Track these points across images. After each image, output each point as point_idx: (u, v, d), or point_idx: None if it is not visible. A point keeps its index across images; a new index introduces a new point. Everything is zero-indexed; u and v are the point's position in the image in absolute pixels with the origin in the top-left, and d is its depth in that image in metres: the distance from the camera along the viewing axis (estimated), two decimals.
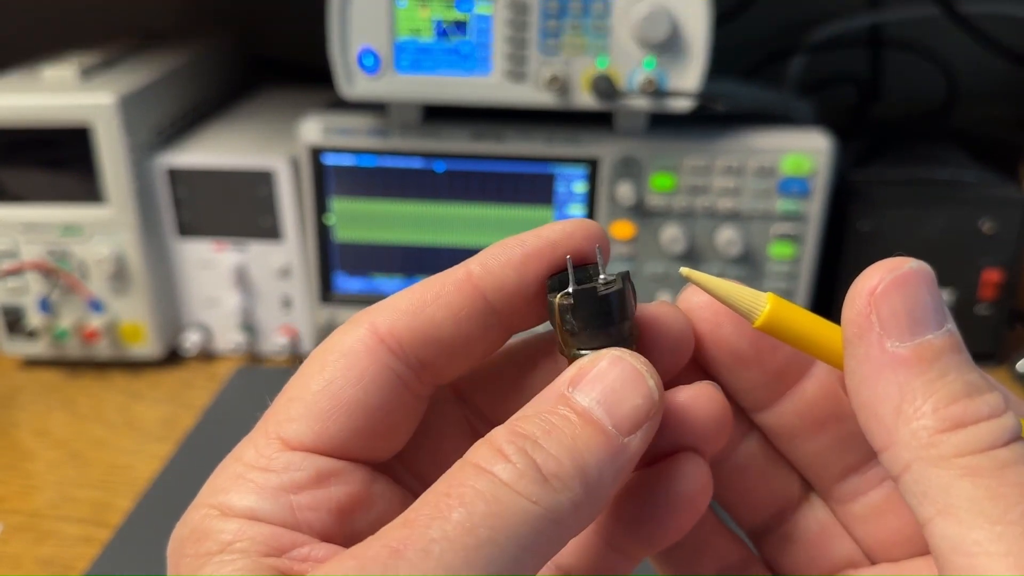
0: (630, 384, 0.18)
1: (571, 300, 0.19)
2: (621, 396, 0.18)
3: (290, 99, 0.74)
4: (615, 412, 0.18)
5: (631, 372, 0.18)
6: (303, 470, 0.19)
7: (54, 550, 0.48)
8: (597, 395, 0.18)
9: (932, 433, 0.17)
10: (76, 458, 0.56)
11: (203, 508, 0.18)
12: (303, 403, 0.19)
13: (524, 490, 0.17)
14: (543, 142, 0.55)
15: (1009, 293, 0.62)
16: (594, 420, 0.18)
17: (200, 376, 0.65)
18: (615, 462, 0.18)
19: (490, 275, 0.20)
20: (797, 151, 0.54)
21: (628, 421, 0.18)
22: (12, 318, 0.63)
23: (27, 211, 0.61)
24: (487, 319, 0.20)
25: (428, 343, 0.20)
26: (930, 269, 0.18)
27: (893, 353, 0.17)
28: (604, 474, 0.17)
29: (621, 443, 0.18)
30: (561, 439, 0.17)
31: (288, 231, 0.62)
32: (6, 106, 0.57)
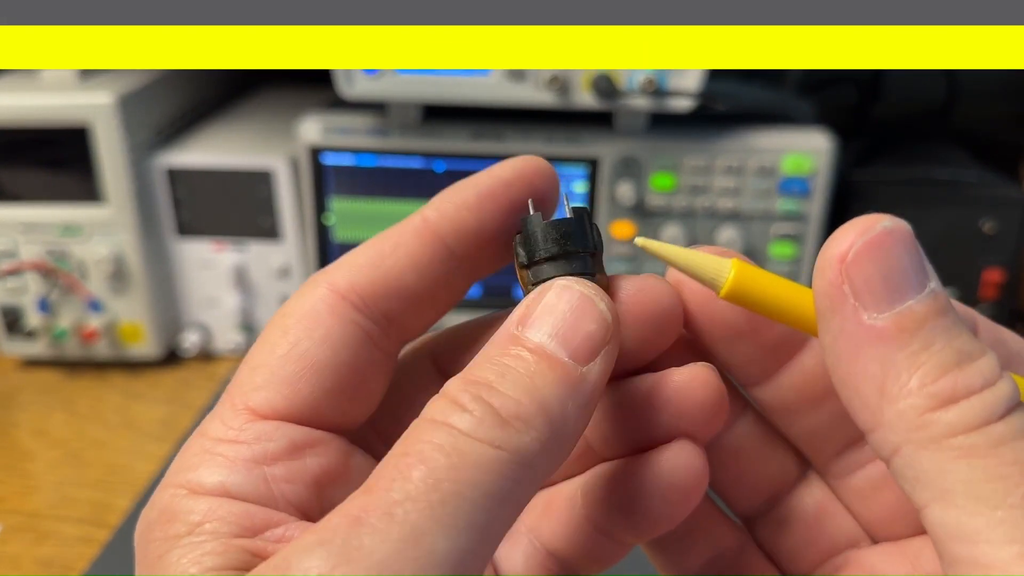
0: (580, 311, 0.17)
1: (525, 227, 0.19)
2: (573, 325, 0.17)
3: (289, 99, 0.74)
4: (569, 343, 0.17)
5: (580, 298, 0.18)
6: (276, 440, 0.18)
7: (53, 550, 0.48)
8: (548, 329, 0.17)
9: (921, 412, 0.15)
10: (75, 458, 0.56)
11: (170, 488, 0.17)
12: (269, 369, 0.18)
13: (485, 436, 0.16)
14: (543, 142, 0.55)
15: (1010, 293, 0.62)
16: (548, 355, 0.17)
17: (199, 376, 0.65)
18: (577, 394, 0.17)
19: (446, 219, 0.19)
20: (797, 151, 0.54)
21: (584, 350, 0.17)
22: (11, 318, 0.63)
23: (26, 211, 0.60)
24: (448, 264, 0.20)
25: (391, 295, 0.19)
26: (906, 226, 0.17)
27: (871, 326, 0.16)
28: (567, 408, 0.17)
29: (580, 373, 0.17)
30: (517, 379, 0.16)
31: (287, 231, 0.62)
32: (5, 106, 0.57)
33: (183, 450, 0.18)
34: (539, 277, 0.19)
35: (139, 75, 0.63)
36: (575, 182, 0.56)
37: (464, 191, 0.20)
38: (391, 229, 0.20)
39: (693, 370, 0.20)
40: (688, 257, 0.18)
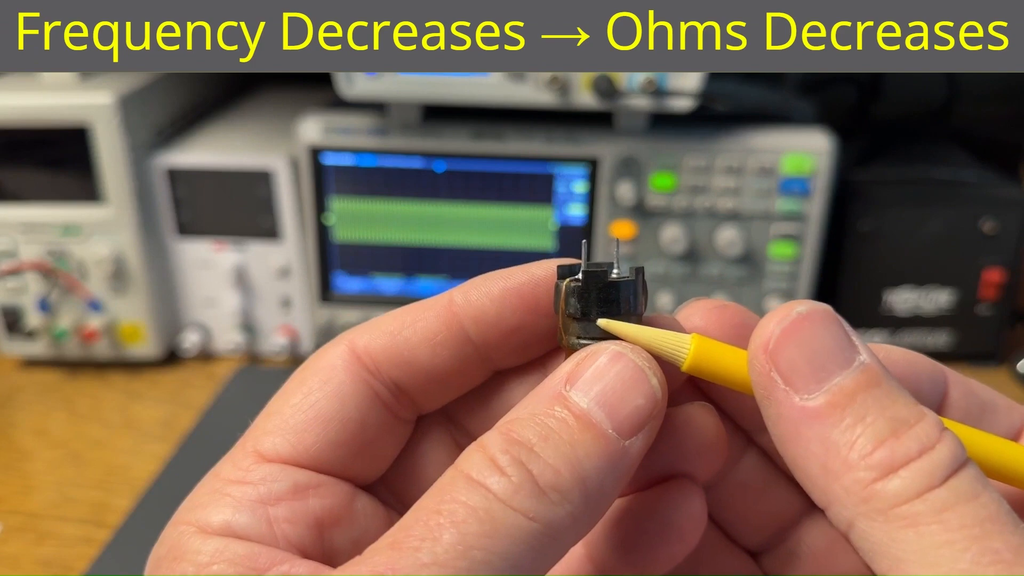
0: (631, 383, 0.17)
1: (580, 282, 0.19)
2: (622, 396, 0.17)
3: (289, 99, 0.74)
4: (615, 414, 0.17)
5: (632, 370, 0.17)
6: (280, 481, 0.18)
7: (53, 550, 0.48)
8: (596, 395, 0.17)
9: (864, 486, 0.15)
10: (75, 458, 0.56)
11: (180, 525, 0.18)
12: (280, 416, 0.19)
13: (520, 506, 0.16)
14: (543, 142, 0.55)
15: (1010, 293, 0.62)
16: (593, 424, 0.17)
17: (199, 376, 0.65)
18: (616, 469, 0.17)
19: (469, 305, 0.20)
20: (797, 151, 0.54)
21: (629, 423, 0.17)
22: (11, 318, 0.63)
23: (26, 211, 0.61)
24: (464, 349, 0.20)
25: (402, 366, 0.19)
26: (824, 308, 0.17)
27: (803, 407, 0.16)
28: (604, 482, 0.17)
29: (621, 447, 0.17)
30: (559, 446, 0.16)
31: (287, 231, 0.62)
32: (5, 106, 0.57)
33: (196, 488, 0.19)
34: (590, 334, 0.19)
35: (139, 75, 0.63)
36: (575, 182, 0.56)
37: (493, 281, 0.20)
38: (421, 302, 0.20)
39: (692, 410, 0.20)
40: (650, 336, 0.19)
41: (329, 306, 0.60)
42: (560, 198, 0.57)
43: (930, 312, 0.63)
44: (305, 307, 0.64)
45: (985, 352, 0.64)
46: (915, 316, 0.63)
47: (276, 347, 0.65)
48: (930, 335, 0.64)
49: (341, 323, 0.60)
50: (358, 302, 0.60)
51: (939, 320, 0.63)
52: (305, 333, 0.65)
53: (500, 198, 0.57)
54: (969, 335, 0.63)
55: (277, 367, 0.66)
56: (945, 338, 0.64)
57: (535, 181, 0.56)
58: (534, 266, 0.20)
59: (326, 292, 0.60)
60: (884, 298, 0.62)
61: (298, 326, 0.65)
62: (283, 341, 0.65)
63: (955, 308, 0.62)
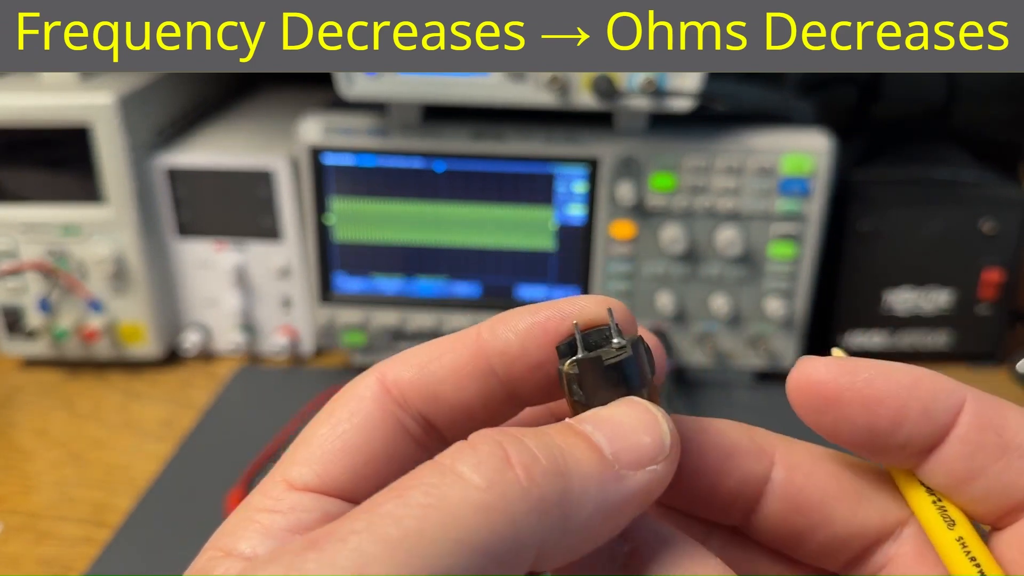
0: (640, 423, 0.17)
1: (576, 370, 0.18)
2: (627, 431, 0.17)
3: (290, 99, 0.74)
4: (617, 441, 0.17)
5: (643, 413, 0.17)
6: (309, 511, 0.18)
7: (54, 550, 0.48)
8: (601, 423, 0.17)
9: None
10: (76, 458, 0.56)
11: (209, 551, 0.18)
12: (308, 446, 0.19)
13: (473, 476, 0.15)
14: (543, 142, 0.55)
15: (1009, 293, 0.62)
16: (591, 441, 0.17)
17: (200, 376, 0.65)
18: (603, 489, 0.16)
19: (495, 339, 0.19)
20: (797, 151, 0.54)
21: (629, 455, 0.17)
22: (12, 318, 0.63)
23: (27, 211, 0.61)
24: (489, 383, 0.19)
25: (429, 399, 0.19)
26: None
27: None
28: (587, 494, 0.16)
29: (615, 471, 0.16)
30: (546, 441, 0.16)
31: (288, 231, 0.62)
32: (6, 106, 0.57)
33: (228, 517, 0.19)
34: None
35: (139, 76, 0.63)
36: (575, 182, 0.56)
37: (520, 316, 0.20)
38: (450, 336, 0.20)
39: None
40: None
41: (329, 306, 0.60)
42: (560, 198, 0.57)
43: (930, 312, 0.63)
44: (305, 307, 0.64)
45: (985, 352, 0.64)
46: (915, 316, 0.63)
47: (277, 347, 0.65)
48: (929, 335, 0.64)
49: (341, 323, 0.60)
50: (358, 302, 0.60)
51: (939, 320, 0.63)
52: (305, 333, 0.65)
53: (500, 198, 0.57)
54: (969, 335, 0.63)
55: (278, 367, 0.66)
56: (945, 338, 0.64)
57: (535, 181, 0.56)
58: (563, 302, 0.20)
59: (326, 292, 0.60)
60: (884, 298, 0.62)
61: (298, 326, 0.65)
62: (284, 341, 0.65)
63: (955, 308, 0.62)
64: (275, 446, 0.55)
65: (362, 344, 0.62)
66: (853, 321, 0.63)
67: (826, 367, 0.18)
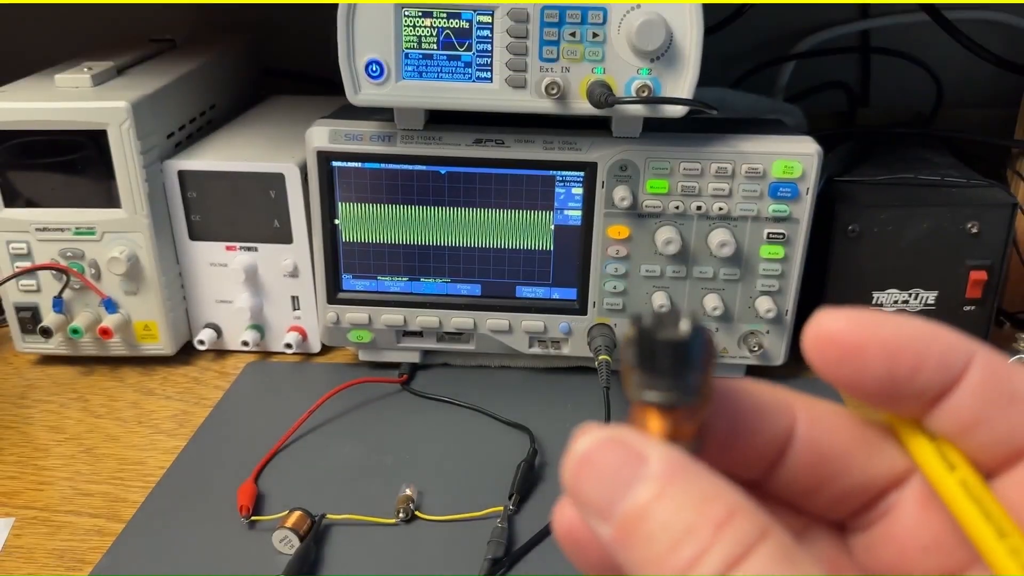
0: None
1: (634, 334, 0.18)
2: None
3: (299, 107, 0.76)
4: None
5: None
6: None
7: (67, 543, 0.49)
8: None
9: None
10: (89, 453, 0.57)
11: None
12: None
13: None
14: (543, 147, 0.57)
15: (994, 293, 0.63)
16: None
17: (211, 373, 0.66)
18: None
19: None
20: (787, 155, 0.56)
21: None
22: (27, 317, 0.65)
23: (42, 213, 0.62)
24: None
25: None
26: (600, 435, 0.17)
27: (608, 537, 0.16)
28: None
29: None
30: None
31: (297, 234, 0.63)
32: (22, 110, 0.59)
33: None
34: (642, 387, 0.18)
35: (153, 80, 0.64)
36: (573, 186, 0.58)
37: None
38: None
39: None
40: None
41: (337, 306, 0.62)
42: (558, 201, 0.58)
43: (916, 312, 0.64)
44: (314, 307, 0.66)
45: None
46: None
47: (286, 344, 0.66)
48: None
49: (348, 321, 0.62)
50: (364, 302, 0.62)
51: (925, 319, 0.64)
52: (313, 331, 0.67)
53: (501, 201, 0.58)
54: None
55: (286, 363, 0.67)
56: None
57: (536, 185, 0.58)
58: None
59: (334, 293, 0.62)
60: (871, 298, 0.63)
61: (306, 324, 0.67)
62: (292, 339, 0.66)
63: (941, 308, 0.63)
64: (284, 440, 0.56)
65: (367, 341, 0.63)
66: None
67: (847, 319, 0.18)
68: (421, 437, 0.58)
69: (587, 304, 0.61)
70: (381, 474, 0.54)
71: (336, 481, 0.53)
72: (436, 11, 0.52)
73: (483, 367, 0.66)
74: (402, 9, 0.52)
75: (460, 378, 0.64)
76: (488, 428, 0.59)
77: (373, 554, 0.48)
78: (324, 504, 0.50)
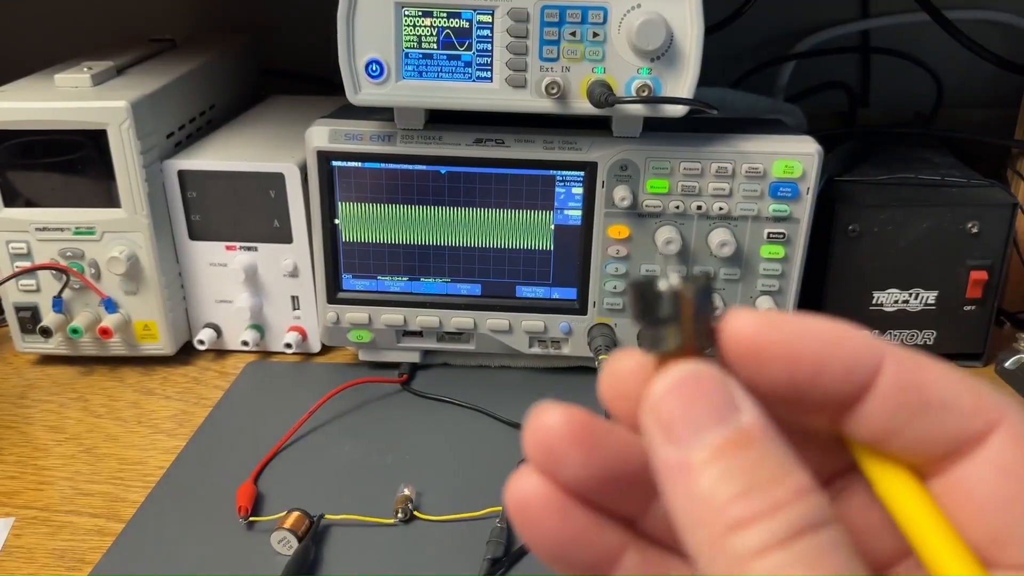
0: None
1: (632, 287, 0.18)
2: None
3: (299, 107, 0.76)
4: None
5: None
6: None
7: (67, 543, 0.49)
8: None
9: (714, 540, 0.16)
10: (89, 453, 0.57)
11: None
12: None
13: None
14: (543, 147, 0.57)
15: (995, 293, 0.63)
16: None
17: (211, 373, 0.66)
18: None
19: None
20: (787, 155, 0.56)
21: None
22: (27, 317, 0.65)
23: (42, 213, 0.62)
24: None
25: None
26: (712, 370, 0.17)
27: (675, 459, 0.17)
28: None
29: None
30: None
31: (297, 233, 0.63)
32: (21, 110, 0.59)
33: None
34: (647, 338, 0.18)
35: (153, 80, 0.65)
36: (573, 186, 0.58)
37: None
38: None
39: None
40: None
41: (337, 306, 0.62)
42: (558, 201, 0.58)
43: (916, 312, 0.64)
44: (314, 307, 0.66)
45: (971, 352, 0.65)
46: (901, 316, 0.64)
47: (286, 345, 0.66)
48: (916, 335, 0.65)
49: (348, 321, 0.62)
50: (364, 302, 0.62)
51: (925, 320, 0.64)
52: (313, 331, 0.67)
53: (501, 201, 0.58)
54: (955, 335, 0.64)
55: (286, 363, 0.67)
56: (931, 338, 0.65)
57: (536, 185, 0.58)
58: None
59: (334, 292, 0.62)
60: (871, 298, 0.63)
61: (307, 325, 0.67)
62: (292, 339, 0.66)
63: (941, 308, 0.63)
64: (284, 440, 0.56)
65: (367, 341, 0.63)
66: (841, 320, 0.64)
67: (751, 319, 0.18)
68: (421, 437, 0.58)
69: (587, 304, 0.61)
70: (381, 474, 0.54)
71: (336, 481, 0.53)
72: (436, 11, 0.52)
73: (483, 367, 0.66)
74: (402, 9, 0.52)
75: (460, 378, 0.64)
76: (488, 428, 0.59)
77: (372, 554, 0.48)
78: (323, 504, 0.50)
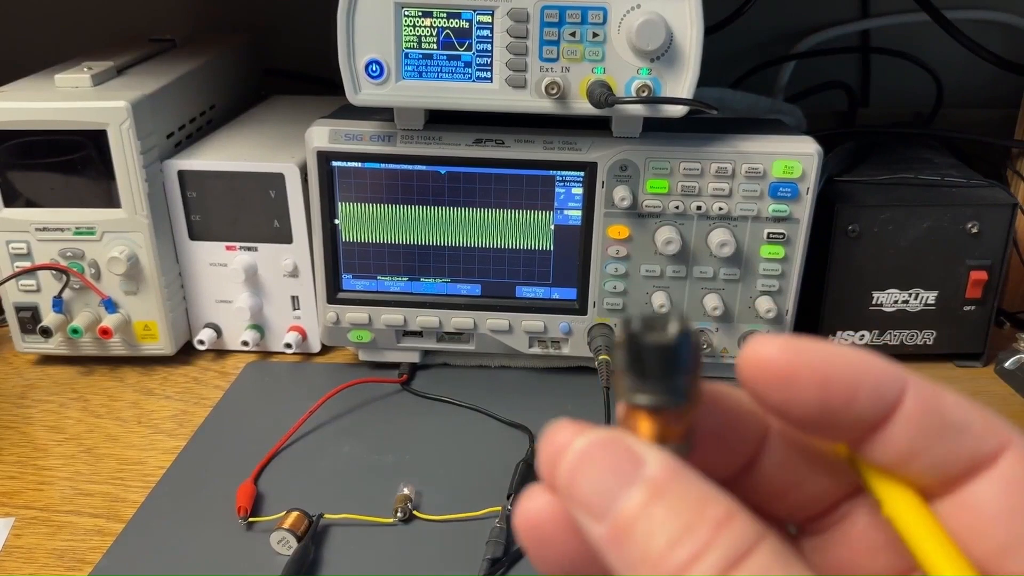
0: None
1: (623, 338, 0.18)
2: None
3: (300, 107, 0.76)
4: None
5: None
6: None
7: (67, 543, 0.49)
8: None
9: None
10: (89, 453, 0.57)
11: None
12: None
13: None
14: (543, 147, 0.57)
15: (994, 293, 0.63)
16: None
17: (211, 373, 0.66)
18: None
19: None
20: (787, 155, 0.56)
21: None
22: (27, 317, 0.65)
23: (42, 213, 0.62)
24: None
25: None
26: (599, 435, 0.17)
27: (601, 536, 0.17)
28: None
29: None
30: None
31: (297, 233, 0.63)
32: (22, 110, 0.59)
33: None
34: (629, 390, 0.18)
35: (153, 80, 0.65)
36: (573, 186, 0.58)
37: None
38: None
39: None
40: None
41: (337, 306, 0.62)
42: (558, 201, 0.58)
43: (916, 312, 0.64)
44: (314, 307, 0.66)
45: (971, 352, 0.65)
46: (901, 316, 0.64)
47: (286, 345, 0.66)
48: (916, 335, 0.65)
49: (348, 321, 0.62)
50: (365, 302, 0.62)
51: (925, 320, 0.64)
52: (313, 331, 0.67)
53: (501, 201, 0.58)
54: (955, 335, 0.64)
55: (286, 363, 0.67)
56: (931, 338, 0.65)
57: (536, 185, 0.58)
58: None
59: (334, 292, 0.62)
60: (871, 298, 0.63)
61: (307, 325, 0.67)
62: (292, 339, 0.66)
63: (941, 308, 0.63)
64: (285, 440, 0.57)
65: (367, 341, 0.63)
66: (841, 320, 0.64)
67: (780, 345, 0.18)
68: (421, 437, 0.58)
69: (587, 304, 0.61)
70: (380, 474, 0.54)
71: (335, 481, 0.53)
72: (436, 11, 0.52)
73: (483, 367, 0.66)
74: (402, 9, 0.52)
75: (460, 378, 0.64)
76: (488, 428, 0.59)
77: (371, 554, 0.48)
78: (323, 504, 0.50)
